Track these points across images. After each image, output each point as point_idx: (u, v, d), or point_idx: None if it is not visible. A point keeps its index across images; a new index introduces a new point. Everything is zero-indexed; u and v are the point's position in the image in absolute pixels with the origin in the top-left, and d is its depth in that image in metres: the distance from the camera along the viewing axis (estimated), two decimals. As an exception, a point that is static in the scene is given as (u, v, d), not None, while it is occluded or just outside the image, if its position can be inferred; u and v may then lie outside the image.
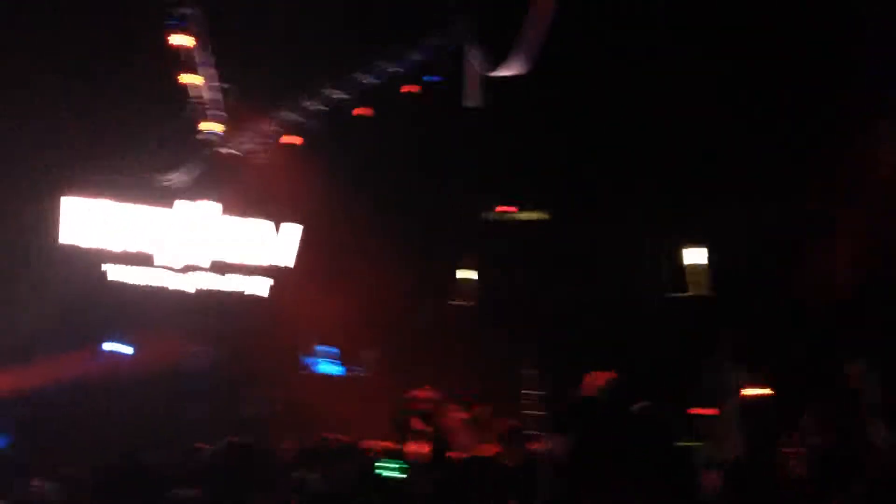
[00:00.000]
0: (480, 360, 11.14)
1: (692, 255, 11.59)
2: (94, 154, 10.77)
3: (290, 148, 12.18)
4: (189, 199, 12.09)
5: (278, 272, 12.81)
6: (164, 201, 11.91)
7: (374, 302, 11.93)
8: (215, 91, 11.48)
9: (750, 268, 10.77)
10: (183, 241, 12.07)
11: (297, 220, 12.96)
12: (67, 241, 11.23)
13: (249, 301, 12.53)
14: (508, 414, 8.56)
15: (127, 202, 11.66)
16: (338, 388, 12.54)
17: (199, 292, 12.22)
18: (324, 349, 12.71)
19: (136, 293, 11.69)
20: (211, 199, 12.27)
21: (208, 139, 11.81)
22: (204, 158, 12.00)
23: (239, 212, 12.55)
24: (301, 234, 12.92)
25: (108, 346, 12.01)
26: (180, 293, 12.07)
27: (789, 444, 6.58)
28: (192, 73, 11.24)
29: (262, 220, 12.74)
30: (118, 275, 11.61)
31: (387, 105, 11.84)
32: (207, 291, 12.26)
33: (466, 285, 13.19)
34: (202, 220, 12.24)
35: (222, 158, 12.07)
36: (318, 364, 12.63)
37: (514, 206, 13.37)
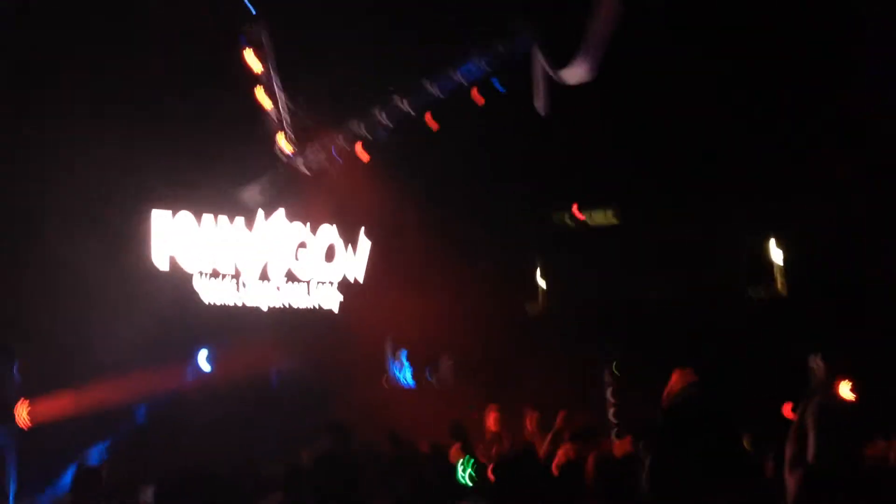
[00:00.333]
0: (557, 365, 11.09)
1: (770, 253, 11.39)
2: (175, 170, 11.04)
3: (360, 160, 12.34)
4: (264, 213, 12.33)
5: (351, 285, 12.97)
6: (241, 216, 12.16)
7: (448, 311, 11.99)
8: (286, 107, 11.72)
9: (828, 264, 10.53)
10: (260, 256, 12.32)
11: (369, 231, 13.13)
12: (156, 253, 11.45)
13: (324, 314, 12.71)
14: (586, 418, 8.52)
15: (206, 214, 11.87)
16: (414, 397, 12.62)
17: (277, 306, 12.44)
18: (404, 358, 12.79)
19: (219, 307, 11.93)
20: (285, 213, 12.51)
21: (281, 154, 12.05)
22: (278, 174, 12.24)
23: (312, 225, 12.77)
24: (371, 246, 13.06)
25: (194, 361, 12.24)
26: (257, 308, 12.30)
27: (872, 446, 6.40)
28: (264, 90, 11.52)
29: (335, 234, 12.93)
30: (202, 289, 11.86)
31: (454, 113, 11.90)
32: (284, 305, 12.48)
33: (539, 291, 13.17)
34: (278, 234, 12.48)
35: (295, 173, 12.29)
36: (401, 374, 12.71)
37: (583, 211, 13.30)
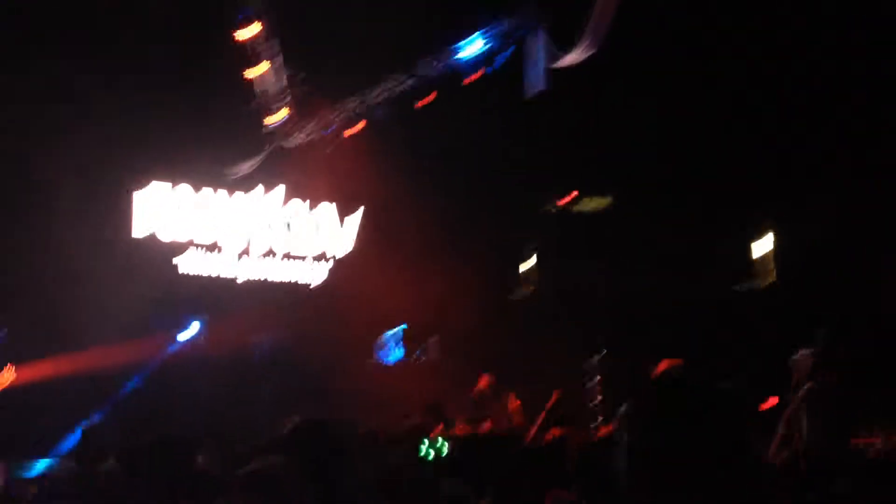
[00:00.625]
0: (543, 348, 11.12)
1: (760, 245, 11.40)
2: (165, 145, 10.98)
3: (354, 137, 12.28)
4: (255, 188, 12.28)
5: (341, 260, 12.96)
6: (231, 190, 12.11)
7: (437, 289, 11.99)
8: (282, 81, 11.63)
9: (818, 257, 10.57)
10: (249, 230, 12.28)
11: (360, 208, 13.08)
12: (140, 231, 11.45)
13: (310, 289, 12.70)
14: (570, 401, 8.54)
15: (197, 190, 11.86)
16: (400, 374, 12.64)
17: (265, 280, 12.43)
18: (391, 334, 12.79)
19: (205, 280, 11.92)
20: (277, 189, 12.46)
21: (274, 129, 11.98)
22: (270, 148, 12.17)
23: (302, 199, 12.72)
24: (362, 219, 13.04)
25: (178, 332, 12.26)
26: (246, 281, 12.28)
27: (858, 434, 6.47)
28: (259, 64, 11.42)
29: (327, 209, 12.90)
30: (189, 262, 11.84)
31: (451, 93, 11.84)
32: (272, 279, 12.46)
33: (529, 274, 13.17)
34: (268, 208, 12.44)
35: (288, 148, 12.22)
36: (387, 352, 12.71)
37: (576, 196, 13.29)
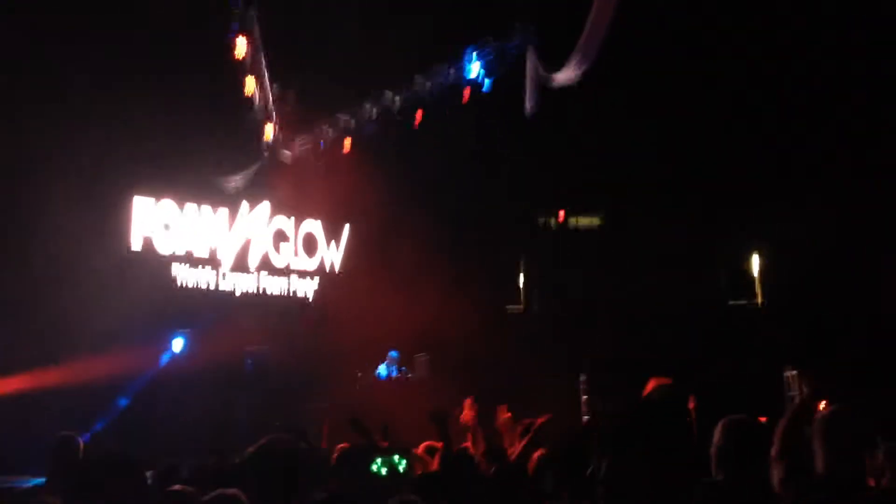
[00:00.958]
0: (533, 364, 11.08)
1: (751, 262, 11.42)
2: (159, 156, 10.95)
3: (345, 153, 12.27)
4: (247, 201, 12.25)
5: (328, 274, 12.92)
6: (223, 203, 12.08)
7: (428, 305, 11.94)
8: (274, 96, 11.64)
9: (808, 274, 10.58)
10: (240, 242, 12.23)
11: (351, 224, 13.06)
12: (135, 238, 11.38)
13: (302, 302, 12.65)
14: (561, 418, 8.48)
15: (190, 203, 11.81)
16: (388, 391, 12.55)
17: (255, 292, 12.36)
18: (390, 355, 12.69)
19: (197, 292, 11.84)
20: (268, 202, 12.44)
21: (267, 143, 11.97)
22: (262, 162, 12.15)
23: (295, 214, 12.70)
24: (351, 235, 13.00)
25: (170, 344, 12.14)
26: (236, 293, 12.21)
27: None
28: (252, 79, 11.43)
29: (317, 223, 12.87)
30: (179, 273, 11.78)
31: (442, 111, 11.86)
32: (260, 292, 12.40)
33: (521, 291, 13.14)
34: (257, 221, 12.40)
35: (278, 161, 12.21)
36: (382, 369, 12.61)
37: (567, 212, 13.29)
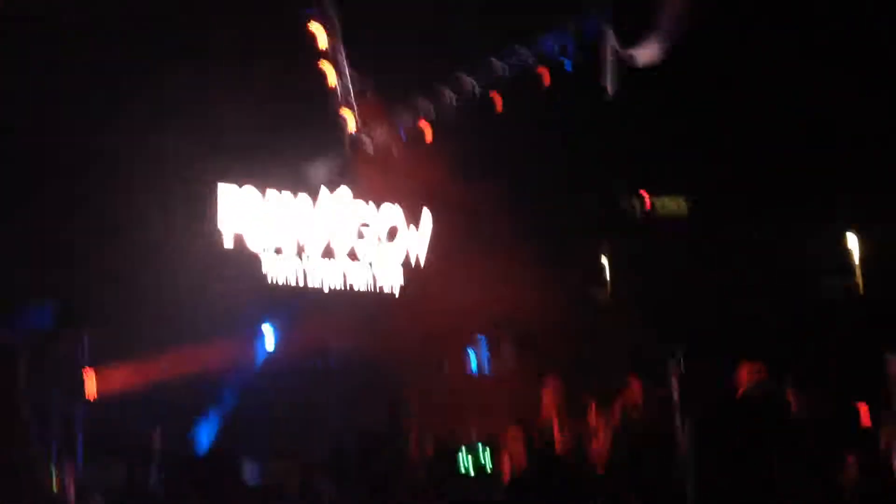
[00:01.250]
0: (621, 355, 10.77)
1: (852, 245, 10.93)
2: (237, 145, 10.97)
3: (425, 138, 12.16)
4: (328, 190, 12.21)
5: (414, 265, 12.81)
6: (304, 189, 12.05)
7: (512, 295, 11.74)
8: (351, 82, 11.59)
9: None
10: (323, 233, 12.20)
11: (433, 211, 12.94)
12: (222, 227, 11.37)
13: (389, 294, 12.58)
14: (649, 408, 8.18)
15: (271, 189, 11.78)
16: (473, 384, 12.44)
17: (337, 283, 12.33)
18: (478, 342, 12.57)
19: (281, 283, 11.85)
20: (349, 190, 12.37)
21: (345, 130, 11.93)
22: (343, 150, 12.12)
23: (375, 201, 12.61)
24: (435, 227, 12.87)
25: (261, 339, 12.20)
26: (320, 284, 12.19)
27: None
28: (329, 64, 11.40)
29: (398, 209, 12.76)
30: (267, 266, 11.77)
31: (521, 93, 11.66)
32: (345, 282, 12.36)
33: (606, 278, 12.87)
34: (342, 210, 12.35)
35: (360, 150, 12.15)
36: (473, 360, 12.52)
37: (653, 198, 12.95)
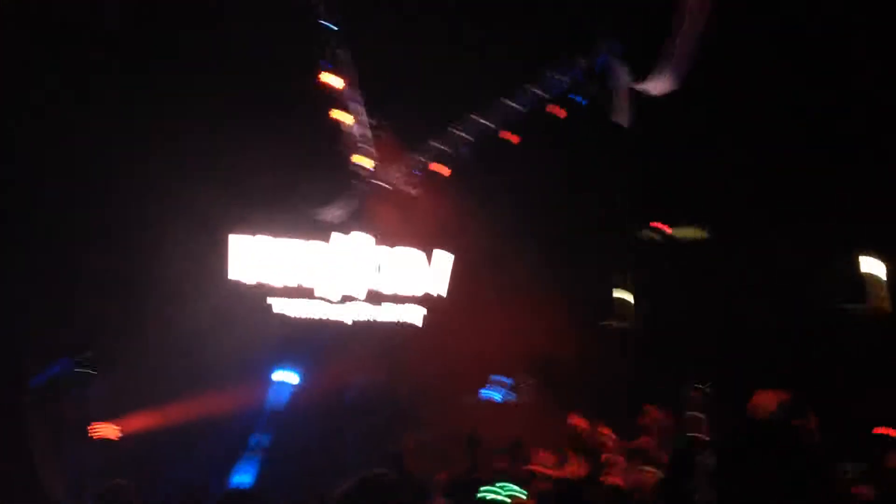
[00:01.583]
0: (638, 382, 10.73)
1: (869, 266, 10.79)
2: (253, 191, 11.20)
3: (439, 177, 12.28)
4: (344, 231, 12.37)
5: (432, 301, 12.88)
6: (320, 235, 12.23)
7: (529, 327, 11.75)
8: (365, 126, 11.78)
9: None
10: (339, 273, 12.35)
11: (450, 247, 13.03)
12: (235, 276, 11.67)
13: (405, 330, 12.65)
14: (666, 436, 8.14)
15: (286, 237, 12.04)
16: (495, 414, 12.41)
17: (357, 323, 12.44)
18: (497, 378, 12.60)
19: (299, 325, 12.02)
20: (365, 231, 12.52)
21: (360, 173, 12.10)
22: (357, 192, 12.28)
23: (392, 242, 12.74)
24: (452, 262, 12.97)
25: (275, 377, 12.33)
26: (339, 324, 12.32)
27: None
28: (343, 110, 11.61)
29: (415, 250, 12.88)
30: (281, 308, 11.98)
31: (534, 129, 11.75)
32: (364, 322, 12.47)
33: (622, 307, 12.82)
34: (357, 251, 12.49)
35: (374, 191, 12.31)
36: (490, 393, 12.52)
37: (668, 225, 12.93)
